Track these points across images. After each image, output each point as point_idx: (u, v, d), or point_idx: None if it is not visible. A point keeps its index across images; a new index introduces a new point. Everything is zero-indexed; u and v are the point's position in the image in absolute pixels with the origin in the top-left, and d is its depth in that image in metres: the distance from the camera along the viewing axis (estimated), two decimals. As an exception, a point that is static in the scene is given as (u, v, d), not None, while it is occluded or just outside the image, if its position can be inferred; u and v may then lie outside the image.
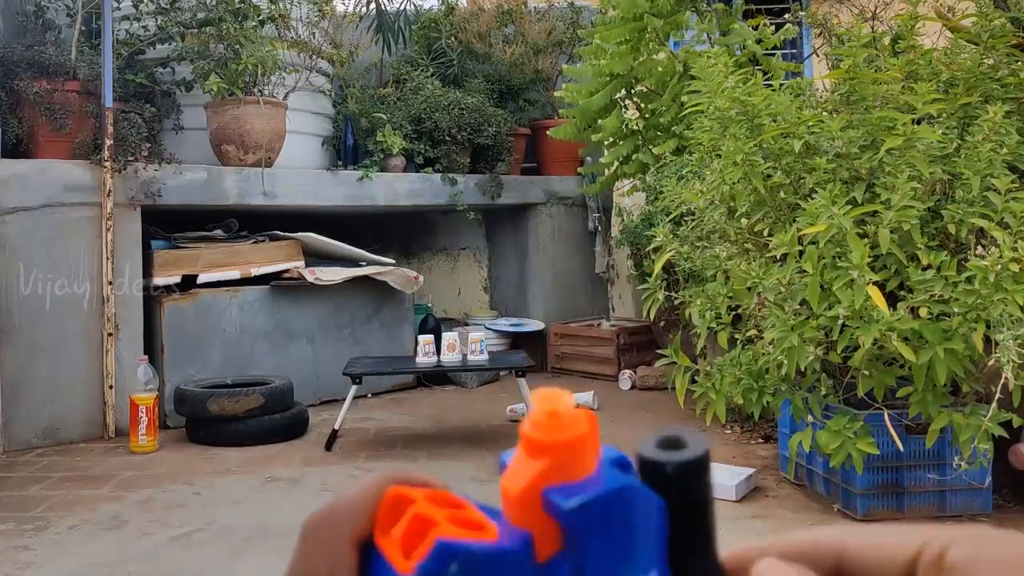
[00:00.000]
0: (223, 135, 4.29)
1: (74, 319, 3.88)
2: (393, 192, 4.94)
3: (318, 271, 4.54)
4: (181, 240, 4.34)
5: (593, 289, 5.79)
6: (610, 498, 0.26)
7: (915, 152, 2.51)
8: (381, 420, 4.22)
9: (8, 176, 3.76)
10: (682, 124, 3.96)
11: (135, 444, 3.69)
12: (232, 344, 4.31)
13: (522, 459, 0.27)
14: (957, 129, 2.77)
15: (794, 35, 4.45)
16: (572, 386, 4.72)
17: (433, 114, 5.07)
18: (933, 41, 3.78)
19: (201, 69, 4.22)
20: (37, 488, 3.20)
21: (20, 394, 3.74)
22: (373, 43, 5.61)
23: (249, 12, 4.34)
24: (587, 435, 0.26)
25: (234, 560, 2.50)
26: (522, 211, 5.62)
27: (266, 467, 3.44)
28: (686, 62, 4.20)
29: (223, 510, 2.93)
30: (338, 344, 4.65)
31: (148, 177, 4.09)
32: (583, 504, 0.25)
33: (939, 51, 3.18)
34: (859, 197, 2.57)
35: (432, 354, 3.81)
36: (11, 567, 2.45)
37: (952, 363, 2.31)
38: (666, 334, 4.48)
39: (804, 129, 2.72)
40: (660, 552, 0.27)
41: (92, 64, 4.01)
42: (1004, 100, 2.81)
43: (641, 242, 4.57)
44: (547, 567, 0.26)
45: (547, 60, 5.74)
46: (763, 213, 2.85)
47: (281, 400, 3.91)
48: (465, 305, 5.92)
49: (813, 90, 3.50)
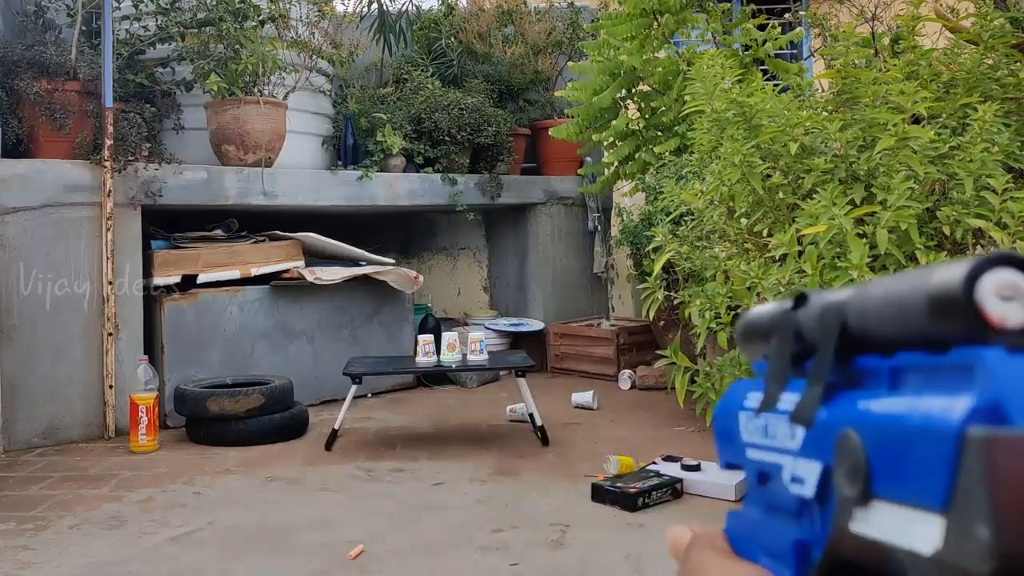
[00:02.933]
0: (223, 135, 4.30)
1: (74, 319, 3.88)
2: (393, 192, 4.94)
3: (318, 271, 4.54)
4: (181, 240, 4.34)
5: (593, 289, 5.80)
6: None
7: (909, 152, 2.51)
8: (381, 420, 4.22)
9: (8, 176, 3.76)
10: (684, 124, 3.97)
11: (135, 444, 3.69)
12: (232, 344, 4.31)
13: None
14: (957, 129, 2.77)
15: (801, 37, 4.46)
16: (572, 386, 4.72)
17: (433, 114, 5.07)
18: (933, 42, 3.78)
19: (201, 69, 4.23)
20: (37, 488, 3.20)
21: (20, 394, 3.74)
22: (373, 43, 5.62)
23: (249, 12, 4.34)
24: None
25: (234, 560, 2.50)
26: (522, 211, 5.63)
27: (266, 467, 3.45)
28: (689, 60, 4.20)
29: (223, 510, 2.93)
30: (338, 344, 4.65)
31: (148, 177, 4.10)
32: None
33: (939, 51, 3.19)
34: (857, 198, 2.58)
35: (432, 354, 3.82)
36: (11, 567, 2.45)
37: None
38: (666, 334, 4.48)
39: (800, 130, 2.72)
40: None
41: (92, 64, 4.01)
42: (1003, 100, 2.82)
43: (641, 242, 4.57)
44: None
45: (547, 60, 5.74)
46: (762, 213, 2.85)
47: (281, 400, 3.91)
48: (465, 305, 5.93)
49: (813, 90, 3.51)
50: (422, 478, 3.25)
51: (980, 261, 0.23)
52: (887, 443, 0.24)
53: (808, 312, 0.30)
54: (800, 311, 0.31)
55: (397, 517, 2.84)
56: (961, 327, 0.23)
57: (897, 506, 0.24)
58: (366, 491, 3.12)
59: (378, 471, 3.35)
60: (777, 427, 0.31)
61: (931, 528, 0.22)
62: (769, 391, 0.32)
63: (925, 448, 0.23)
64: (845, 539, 0.26)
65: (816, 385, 0.29)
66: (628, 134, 4.68)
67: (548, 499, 2.96)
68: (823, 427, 0.28)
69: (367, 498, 3.04)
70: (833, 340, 0.28)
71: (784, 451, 0.30)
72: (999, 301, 0.23)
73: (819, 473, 0.28)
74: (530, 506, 2.91)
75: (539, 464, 3.39)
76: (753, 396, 0.34)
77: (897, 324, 0.26)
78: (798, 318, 0.31)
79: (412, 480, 3.23)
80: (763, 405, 0.32)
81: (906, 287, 0.25)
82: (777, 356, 0.32)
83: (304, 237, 4.62)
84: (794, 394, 0.30)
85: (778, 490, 0.31)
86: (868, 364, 0.28)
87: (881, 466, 0.24)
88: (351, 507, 2.94)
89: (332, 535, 2.67)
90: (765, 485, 0.32)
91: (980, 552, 0.20)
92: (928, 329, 0.24)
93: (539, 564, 2.43)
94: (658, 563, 2.41)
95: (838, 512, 0.26)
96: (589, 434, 3.84)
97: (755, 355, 0.35)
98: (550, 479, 3.19)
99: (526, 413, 3.77)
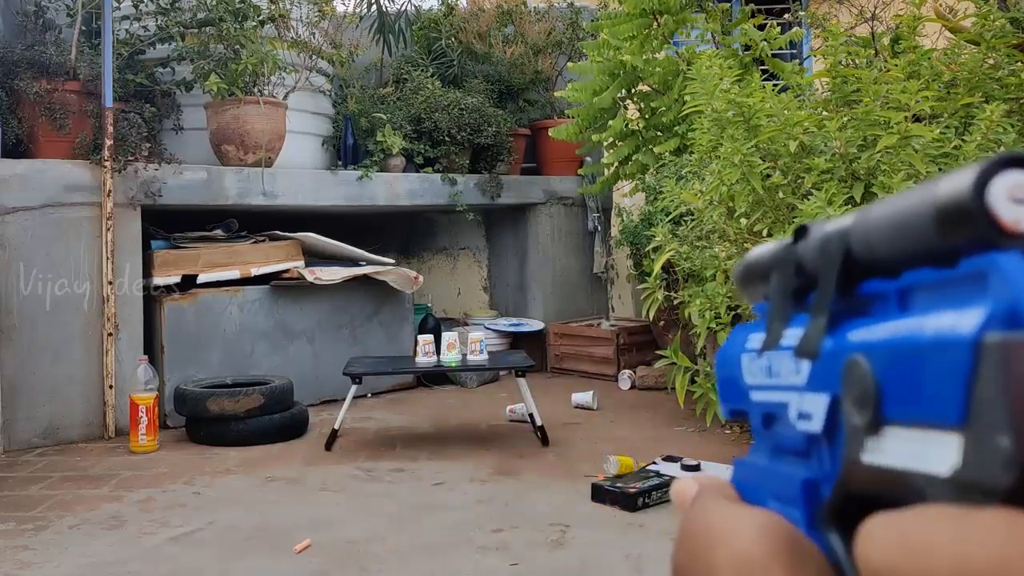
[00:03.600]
0: (223, 135, 4.29)
1: (74, 319, 3.88)
2: (393, 192, 4.94)
3: (318, 271, 4.54)
4: (181, 240, 4.34)
5: (593, 289, 5.80)
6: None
7: (911, 151, 2.51)
8: (381, 420, 4.22)
9: (8, 176, 3.76)
10: (683, 124, 3.97)
11: (135, 444, 3.69)
12: (232, 344, 4.31)
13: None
14: (959, 128, 2.77)
15: (801, 37, 4.46)
16: (572, 386, 4.72)
17: (433, 114, 5.07)
18: (933, 42, 3.78)
19: (201, 69, 4.23)
20: (37, 488, 3.20)
21: (20, 394, 3.74)
22: (373, 43, 5.62)
23: (249, 12, 4.34)
24: None
25: (234, 560, 2.50)
26: (522, 211, 5.63)
27: (266, 467, 3.44)
28: (689, 60, 4.20)
29: (223, 510, 2.93)
30: (338, 344, 4.65)
31: (148, 177, 4.10)
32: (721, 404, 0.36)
33: (940, 52, 3.19)
34: (857, 197, 2.58)
35: (432, 354, 3.82)
36: (11, 567, 2.45)
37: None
38: (666, 334, 4.48)
39: (800, 130, 2.72)
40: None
41: (92, 64, 4.01)
42: (1004, 100, 2.82)
43: (641, 242, 4.57)
44: None
45: (547, 60, 5.74)
46: (762, 213, 2.85)
47: (281, 400, 3.91)
48: (465, 305, 5.93)
49: (813, 90, 3.51)
50: (422, 478, 3.25)
51: (988, 164, 0.22)
52: (897, 364, 0.23)
53: (809, 244, 0.29)
54: (800, 244, 0.30)
55: (397, 517, 2.84)
56: (972, 235, 0.22)
57: (910, 429, 0.23)
58: (366, 491, 3.12)
59: (378, 471, 3.35)
60: (781, 364, 0.30)
61: (948, 447, 0.21)
62: (772, 329, 0.30)
63: (939, 362, 0.22)
64: (856, 471, 0.25)
65: (820, 316, 0.27)
66: (628, 134, 4.68)
67: (548, 499, 2.96)
68: (829, 357, 0.27)
69: (367, 498, 3.04)
70: (836, 268, 0.27)
71: (790, 388, 0.29)
72: (1011, 204, 0.22)
73: (826, 405, 0.27)
74: (530, 506, 2.91)
75: (539, 464, 3.39)
76: (755, 337, 0.32)
77: (903, 243, 0.25)
78: (798, 251, 0.30)
79: (412, 480, 3.23)
80: (766, 344, 0.31)
81: (911, 203, 0.24)
82: (778, 292, 0.31)
83: (304, 237, 4.62)
84: (798, 329, 0.29)
85: (784, 430, 0.30)
86: (874, 289, 0.27)
87: (892, 389, 0.23)
88: (351, 507, 2.94)
89: (332, 535, 2.67)
90: (770, 428, 0.31)
91: (1001, 464, 0.19)
92: (937, 243, 0.23)
93: (539, 564, 2.43)
94: (658, 563, 2.41)
95: (848, 444, 0.25)
96: (589, 434, 3.84)
97: (755, 297, 0.34)
98: (550, 479, 3.19)
99: (526, 413, 3.77)
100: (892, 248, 0.25)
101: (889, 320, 0.25)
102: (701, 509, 0.31)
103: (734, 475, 0.34)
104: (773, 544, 0.27)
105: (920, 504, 0.22)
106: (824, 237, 0.28)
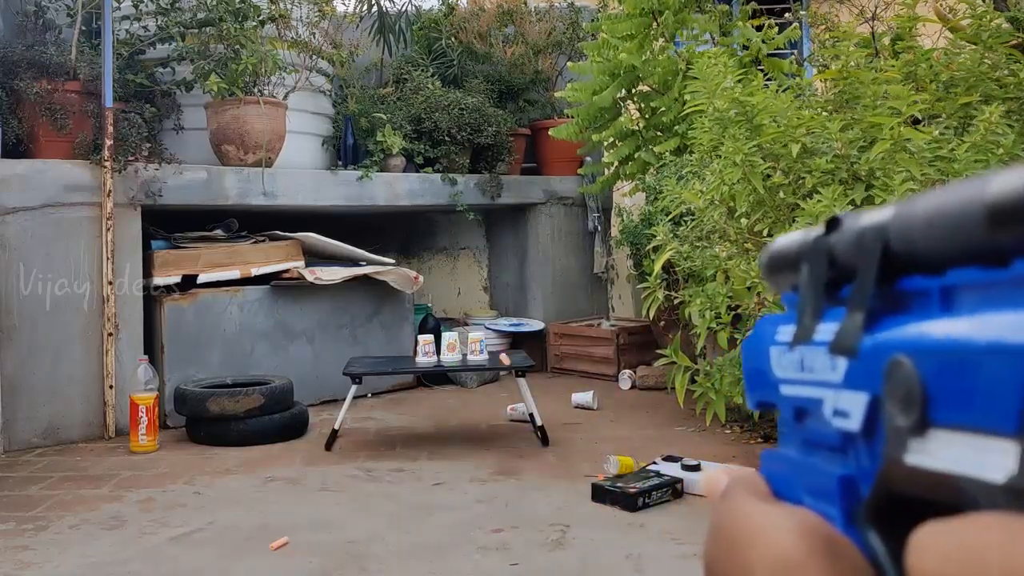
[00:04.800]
0: (223, 135, 4.29)
1: (74, 319, 3.88)
2: (393, 192, 4.94)
3: (318, 271, 4.54)
4: (181, 240, 4.34)
5: (593, 289, 5.80)
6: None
7: (906, 154, 2.51)
8: (381, 420, 4.22)
9: (8, 176, 3.76)
10: (684, 124, 3.96)
11: (135, 444, 3.69)
12: (232, 344, 4.31)
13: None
14: (958, 129, 2.77)
15: (798, 36, 4.46)
16: (572, 386, 4.72)
17: (433, 114, 5.07)
18: (934, 42, 3.78)
19: (201, 69, 4.23)
20: (37, 488, 3.20)
21: (20, 394, 3.74)
22: (373, 43, 5.61)
23: (249, 12, 4.34)
24: None
25: (234, 560, 2.50)
26: (522, 211, 5.63)
27: (266, 467, 3.44)
28: (689, 60, 4.20)
29: (223, 510, 2.93)
30: (338, 344, 4.65)
31: (148, 177, 4.09)
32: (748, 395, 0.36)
33: (939, 51, 3.19)
34: (857, 198, 2.57)
35: (432, 354, 3.82)
36: (11, 567, 2.45)
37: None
38: (666, 334, 4.48)
39: (802, 131, 2.72)
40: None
41: (92, 64, 4.01)
42: (1003, 100, 2.81)
43: (641, 242, 4.57)
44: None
45: (547, 60, 5.74)
46: (763, 213, 2.85)
47: (281, 400, 3.91)
48: (465, 305, 5.93)
49: (813, 90, 3.50)
50: (422, 478, 3.24)
51: None
52: (946, 367, 0.23)
53: (843, 235, 0.29)
54: (833, 236, 0.29)
55: (397, 517, 2.83)
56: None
57: (960, 433, 0.22)
58: (366, 491, 3.12)
59: (378, 471, 3.35)
60: (815, 359, 0.29)
61: (1003, 454, 0.21)
62: (804, 322, 0.30)
63: (994, 368, 0.21)
64: (898, 471, 0.25)
65: (857, 312, 0.27)
66: (628, 134, 4.68)
67: (548, 499, 2.96)
68: (869, 355, 0.26)
69: (367, 498, 3.04)
70: (875, 262, 0.26)
71: (824, 384, 0.29)
72: None
73: (866, 404, 0.26)
74: (530, 506, 2.91)
75: (539, 464, 3.39)
76: (785, 329, 0.32)
77: (949, 240, 0.24)
78: (831, 243, 0.29)
79: (412, 480, 3.23)
80: (797, 337, 0.30)
81: (958, 199, 0.23)
82: (810, 284, 0.30)
83: (304, 237, 4.62)
84: (832, 323, 0.28)
85: (818, 426, 0.29)
86: (914, 285, 0.26)
87: (939, 392, 0.23)
88: (351, 507, 2.94)
89: (332, 535, 2.66)
90: (802, 422, 0.31)
91: None
92: (986, 242, 0.23)
93: (539, 564, 2.42)
94: (658, 563, 2.41)
95: (889, 444, 0.25)
96: (589, 434, 3.84)
97: (783, 286, 0.33)
98: (550, 479, 3.19)
99: (526, 413, 3.77)
100: (937, 244, 0.25)
101: (932, 319, 0.24)
102: (734, 504, 0.31)
103: (764, 467, 0.33)
104: (810, 544, 0.27)
105: (971, 510, 0.22)
106: (861, 230, 0.28)
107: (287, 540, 2.59)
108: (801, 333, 0.30)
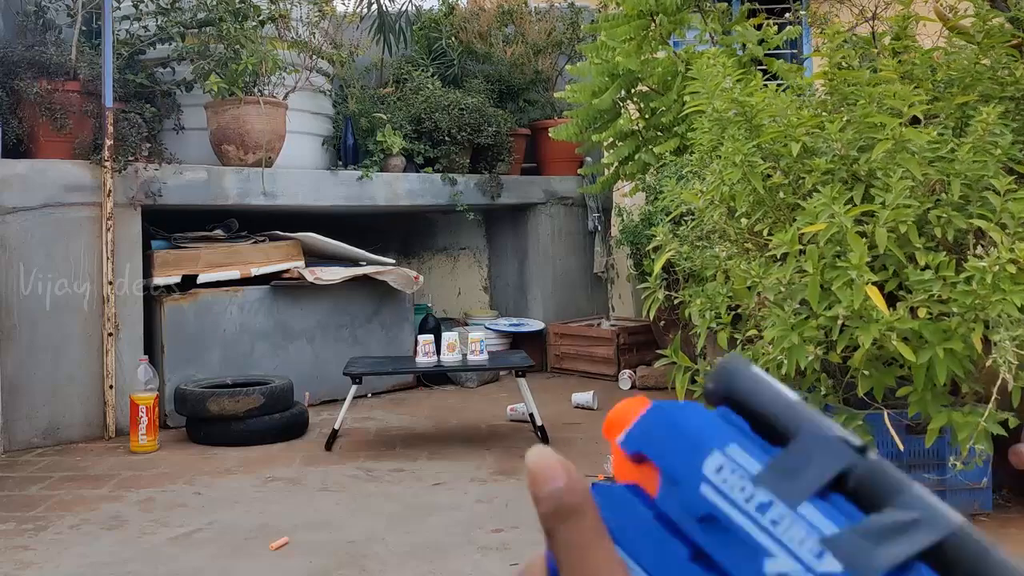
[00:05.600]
0: (223, 135, 4.30)
1: (74, 319, 3.88)
2: (393, 192, 4.94)
3: (318, 271, 4.54)
4: (181, 240, 4.34)
5: (593, 289, 5.80)
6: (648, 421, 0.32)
7: (905, 154, 2.51)
8: (381, 420, 4.22)
9: (8, 176, 3.76)
10: (683, 124, 3.96)
11: (135, 444, 3.69)
12: (232, 344, 4.31)
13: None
14: (956, 129, 2.77)
15: (797, 35, 4.46)
16: (572, 386, 4.72)
17: (433, 114, 5.07)
18: (934, 41, 3.78)
19: (201, 69, 4.23)
20: (37, 488, 3.20)
21: (20, 394, 3.74)
22: (373, 43, 5.61)
23: (249, 12, 4.34)
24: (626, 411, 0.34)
25: (234, 560, 2.50)
26: (522, 211, 5.63)
27: (266, 467, 3.44)
28: (688, 61, 4.20)
29: (223, 510, 2.93)
30: (338, 344, 4.65)
31: (148, 177, 4.10)
32: (627, 435, 0.33)
33: (938, 51, 3.19)
34: (857, 198, 2.57)
35: (432, 354, 3.82)
36: (11, 567, 2.45)
37: (952, 363, 2.31)
38: (666, 334, 4.48)
39: (802, 131, 2.72)
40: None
41: (92, 64, 4.01)
42: (1001, 100, 2.81)
43: (641, 242, 4.57)
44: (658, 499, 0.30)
45: (547, 60, 5.74)
46: (763, 213, 2.85)
47: (281, 400, 3.91)
48: (465, 305, 5.93)
49: (813, 90, 3.50)
50: (422, 478, 3.25)
51: None
52: None
53: (877, 474, 0.27)
54: (864, 455, 0.27)
55: (397, 517, 2.84)
56: None
57: None
58: (366, 491, 3.12)
59: (378, 471, 3.35)
60: (791, 527, 0.26)
61: None
62: (784, 485, 0.27)
63: None
64: None
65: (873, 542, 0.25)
66: (628, 134, 4.67)
67: (548, 499, 2.96)
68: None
69: (367, 498, 3.04)
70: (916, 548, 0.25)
71: (790, 552, 0.26)
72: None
73: None
74: (530, 506, 2.89)
75: (539, 464, 3.38)
76: (737, 452, 0.28)
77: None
78: (854, 461, 0.27)
79: (412, 480, 3.23)
80: (775, 489, 0.27)
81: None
82: (813, 476, 0.27)
83: (304, 237, 4.62)
84: (821, 513, 0.26)
85: (731, 555, 0.27)
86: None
87: None
88: (351, 507, 2.94)
89: (332, 535, 2.67)
90: (707, 530, 0.28)
91: None
92: None
93: (539, 564, 2.42)
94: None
95: None
96: (589, 434, 3.84)
97: (716, 404, 0.31)
98: (550, 479, 3.18)
99: (526, 413, 3.77)
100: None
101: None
102: (577, 540, 0.28)
103: (599, 499, 0.30)
104: None
105: None
106: (905, 502, 0.26)
107: (287, 540, 2.60)
108: (782, 491, 0.27)
